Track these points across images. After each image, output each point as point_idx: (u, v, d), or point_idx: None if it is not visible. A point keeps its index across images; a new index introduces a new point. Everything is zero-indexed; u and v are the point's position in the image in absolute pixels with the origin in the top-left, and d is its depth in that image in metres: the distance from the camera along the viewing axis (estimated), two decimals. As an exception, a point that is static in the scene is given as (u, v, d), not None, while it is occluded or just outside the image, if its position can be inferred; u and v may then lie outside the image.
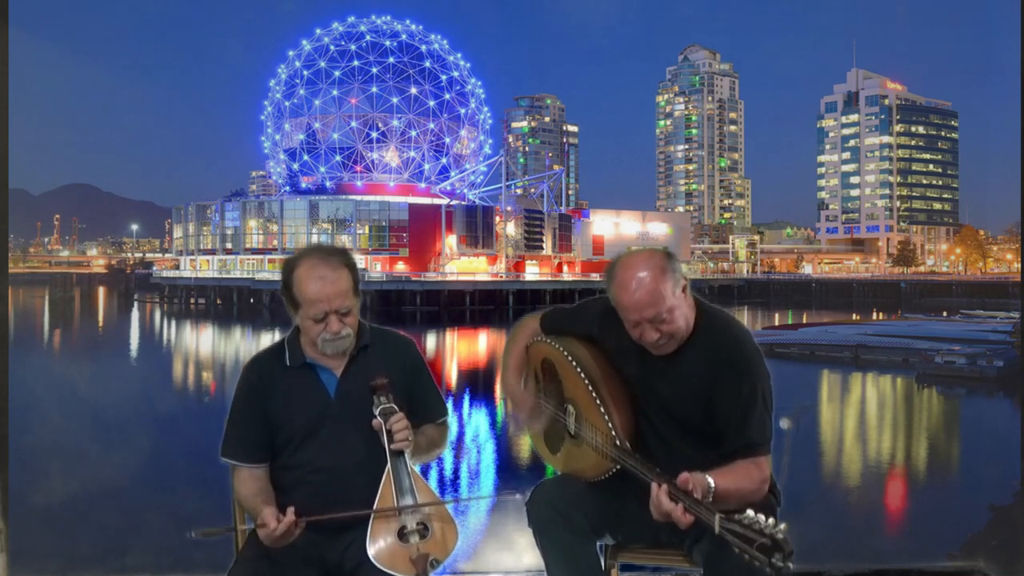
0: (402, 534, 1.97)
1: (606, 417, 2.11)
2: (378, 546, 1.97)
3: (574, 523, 2.14)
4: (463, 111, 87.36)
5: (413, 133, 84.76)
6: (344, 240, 78.31)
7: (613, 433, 2.09)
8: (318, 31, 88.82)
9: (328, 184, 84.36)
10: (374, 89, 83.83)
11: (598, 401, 2.14)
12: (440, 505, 2.04)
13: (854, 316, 56.57)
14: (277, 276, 2.27)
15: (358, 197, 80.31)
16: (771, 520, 1.68)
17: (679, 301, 2.06)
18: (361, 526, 2.01)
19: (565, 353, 2.26)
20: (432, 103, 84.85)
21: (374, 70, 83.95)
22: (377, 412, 2.05)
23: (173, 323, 61.65)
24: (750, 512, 1.72)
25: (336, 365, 2.16)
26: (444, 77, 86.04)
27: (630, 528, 2.22)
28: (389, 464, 2.03)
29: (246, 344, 44.41)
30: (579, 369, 2.20)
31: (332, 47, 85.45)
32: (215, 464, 2.18)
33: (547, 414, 2.36)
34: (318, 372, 2.15)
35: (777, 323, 54.27)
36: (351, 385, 2.13)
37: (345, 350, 2.14)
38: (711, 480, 1.87)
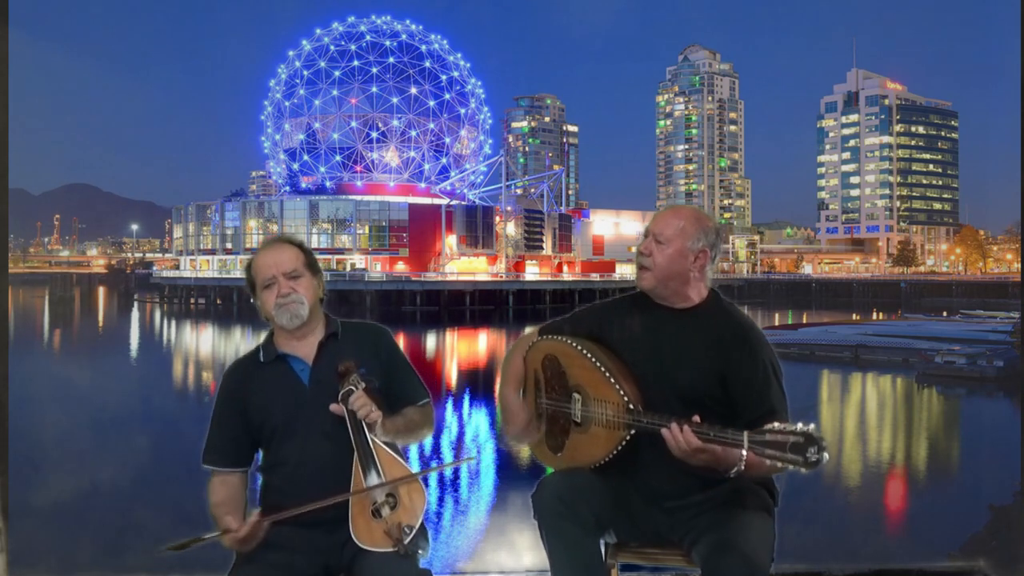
0: (374, 510, 2.04)
1: (617, 387, 2.14)
2: (357, 528, 2.04)
3: (580, 516, 2.14)
4: (463, 111, 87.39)
5: (413, 133, 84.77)
6: (344, 240, 78.38)
7: (626, 399, 2.12)
8: (318, 31, 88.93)
9: (328, 184, 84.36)
10: (374, 89, 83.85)
11: (607, 374, 2.17)
12: (404, 479, 2.08)
13: (854, 316, 56.57)
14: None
15: (358, 197, 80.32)
16: (798, 424, 1.80)
17: (683, 253, 2.20)
18: None
19: (568, 341, 2.29)
20: (432, 103, 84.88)
21: (374, 70, 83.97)
22: (339, 397, 2.09)
23: (173, 323, 61.66)
24: (776, 423, 1.85)
25: (307, 354, 2.20)
26: (444, 77, 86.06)
27: (634, 523, 2.23)
28: (353, 442, 2.07)
29: (246, 344, 44.37)
30: (584, 351, 2.23)
31: (332, 47, 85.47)
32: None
33: (544, 418, 2.36)
34: (290, 363, 2.21)
35: (777, 323, 54.22)
36: (323, 372, 2.17)
37: (301, 319, 2.18)
38: (743, 452, 1.92)
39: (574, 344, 2.27)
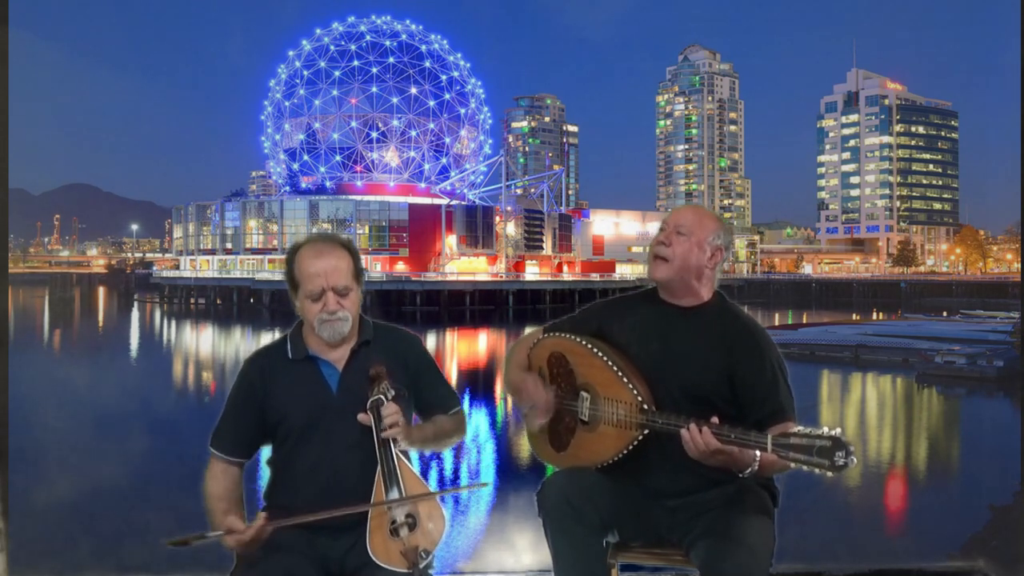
0: (392, 528, 2.00)
1: (630, 386, 2.13)
2: (373, 542, 2.00)
3: (587, 517, 2.14)
4: (463, 111, 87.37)
5: (413, 133, 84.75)
6: (347, 237, 78.23)
7: (640, 399, 2.11)
8: (318, 31, 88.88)
9: (328, 184, 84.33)
10: (374, 89, 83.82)
11: (620, 373, 2.15)
12: (425, 496, 2.04)
13: (854, 316, 56.60)
14: (277, 276, 2.30)
15: (358, 197, 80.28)
16: (824, 428, 1.80)
17: (702, 246, 2.21)
18: (362, 526, 2.02)
19: (576, 339, 2.27)
20: (432, 103, 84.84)
21: (374, 70, 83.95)
22: (367, 405, 2.05)
23: (173, 323, 61.62)
24: (800, 428, 1.85)
25: (338, 359, 2.15)
26: (444, 77, 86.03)
27: (637, 523, 2.23)
28: (377, 456, 2.03)
29: (246, 344, 44.40)
30: (594, 349, 2.22)
31: (332, 47, 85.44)
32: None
33: (555, 404, 2.34)
34: (320, 366, 2.15)
35: (777, 323, 54.23)
36: (353, 379, 2.12)
37: (343, 336, 2.13)
38: (757, 451, 1.93)
39: (583, 342, 2.25)
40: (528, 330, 2.49)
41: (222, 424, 2.17)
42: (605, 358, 2.19)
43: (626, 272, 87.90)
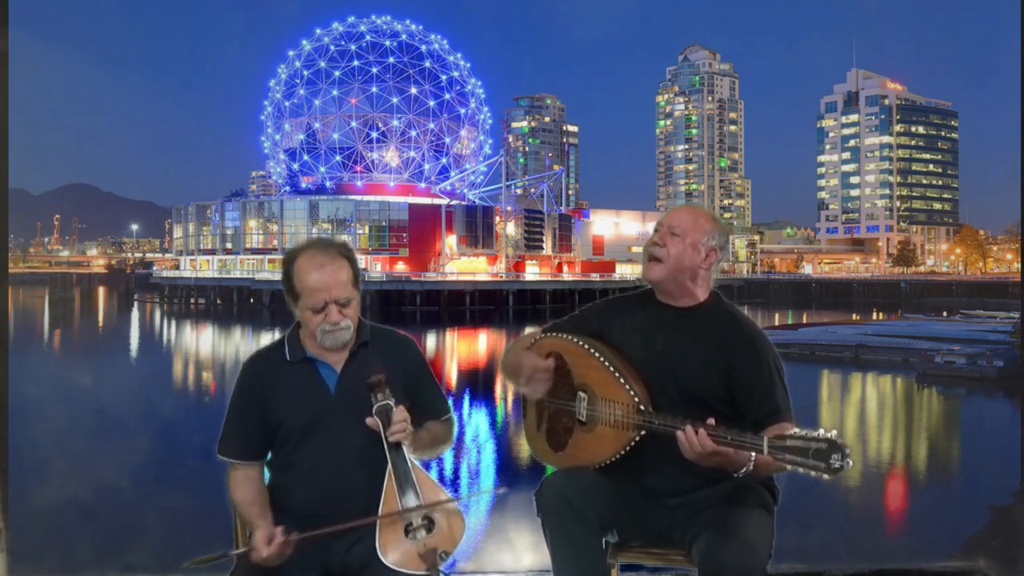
0: (408, 530, 1.98)
1: (627, 387, 2.13)
2: (386, 544, 1.97)
3: (586, 517, 2.14)
4: (463, 111, 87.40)
5: (413, 133, 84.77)
6: (344, 240, 78.29)
7: (636, 400, 2.11)
8: (318, 31, 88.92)
9: (328, 184, 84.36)
10: (374, 89, 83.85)
11: (617, 374, 2.16)
12: (444, 502, 2.04)
13: (854, 316, 56.58)
14: (277, 276, 2.28)
15: (358, 197, 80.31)
16: (820, 431, 1.80)
17: (697, 247, 2.20)
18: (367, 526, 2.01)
19: (574, 339, 2.27)
20: (432, 103, 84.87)
21: (374, 70, 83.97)
22: (373, 410, 2.05)
23: (173, 323, 61.64)
24: (796, 430, 1.84)
25: (336, 360, 2.15)
26: (444, 77, 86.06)
27: (636, 523, 2.23)
28: (389, 460, 2.03)
29: (246, 344, 44.40)
30: (591, 349, 2.22)
31: (332, 47, 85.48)
32: (215, 464, 2.18)
33: (547, 416, 2.34)
34: (318, 367, 2.15)
35: (777, 323, 54.21)
36: (351, 380, 2.12)
37: (345, 343, 2.13)
38: (752, 452, 1.93)
39: (580, 343, 2.25)
40: (528, 330, 2.49)
41: (227, 430, 2.17)
42: (602, 359, 2.20)
43: (626, 272, 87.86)
